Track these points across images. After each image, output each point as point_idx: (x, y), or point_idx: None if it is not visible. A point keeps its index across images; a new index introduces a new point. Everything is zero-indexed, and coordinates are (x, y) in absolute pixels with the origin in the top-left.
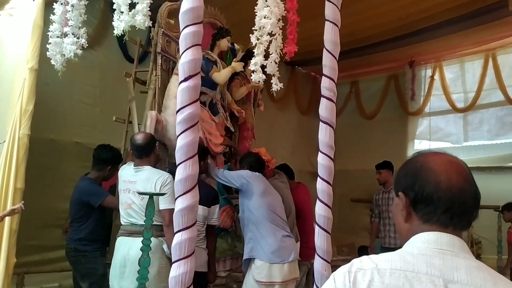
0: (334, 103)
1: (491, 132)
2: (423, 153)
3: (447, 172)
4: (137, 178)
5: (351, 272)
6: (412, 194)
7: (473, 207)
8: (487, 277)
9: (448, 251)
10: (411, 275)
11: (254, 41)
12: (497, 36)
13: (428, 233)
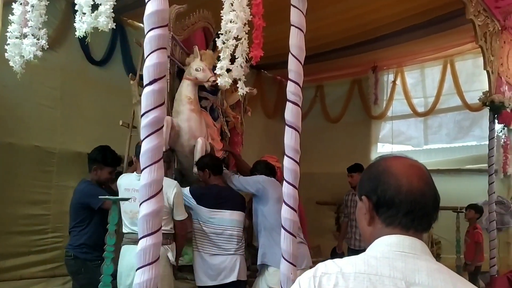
0: (300, 107)
1: (449, 136)
2: (386, 157)
3: (408, 176)
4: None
5: (316, 276)
6: (374, 198)
7: (433, 210)
8: (447, 279)
9: (410, 254)
10: (374, 278)
11: (220, 45)
12: (455, 43)
13: (391, 236)
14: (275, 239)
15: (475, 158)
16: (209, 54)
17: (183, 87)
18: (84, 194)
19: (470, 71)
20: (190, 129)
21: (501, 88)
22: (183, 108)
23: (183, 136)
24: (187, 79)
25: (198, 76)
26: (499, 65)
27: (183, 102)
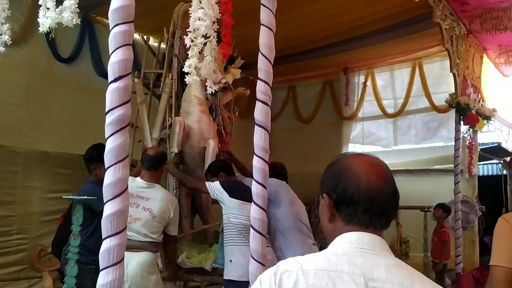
0: (269, 107)
1: (418, 137)
2: (346, 155)
3: (367, 173)
4: (150, 195)
5: (277, 274)
6: (334, 195)
7: (392, 207)
8: (405, 275)
9: (369, 250)
10: (334, 274)
11: (189, 43)
12: (423, 46)
13: (351, 233)
14: (291, 241)
15: (442, 159)
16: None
17: (192, 87)
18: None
19: (438, 73)
20: (200, 131)
21: (467, 90)
22: (194, 109)
23: (193, 137)
24: None
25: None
26: (464, 68)
27: (193, 102)
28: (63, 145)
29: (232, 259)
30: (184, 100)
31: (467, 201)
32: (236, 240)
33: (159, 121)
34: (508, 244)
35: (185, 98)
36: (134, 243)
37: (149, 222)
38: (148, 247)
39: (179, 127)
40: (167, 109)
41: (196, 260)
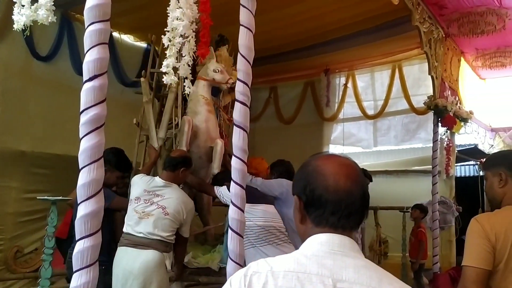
0: (248, 107)
1: (397, 138)
2: (317, 156)
3: (335, 175)
4: (165, 194)
5: (246, 275)
6: (304, 197)
7: (361, 209)
8: (373, 275)
9: (339, 252)
10: (303, 276)
11: (166, 43)
12: (402, 49)
13: (321, 234)
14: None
15: (420, 160)
16: (225, 56)
17: (199, 87)
18: None
19: (417, 76)
20: (207, 130)
21: (445, 92)
22: (201, 108)
23: (200, 137)
24: (202, 79)
25: (216, 78)
26: (442, 70)
27: (201, 102)
28: (40, 145)
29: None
30: (191, 100)
31: (445, 201)
32: (255, 242)
33: (165, 121)
34: (479, 245)
35: (192, 98)
36: (142, 240)
37: (161, 219)
38: (156, 245)
39: (188, 126)
40: (173, 109)
41: (202, 260)
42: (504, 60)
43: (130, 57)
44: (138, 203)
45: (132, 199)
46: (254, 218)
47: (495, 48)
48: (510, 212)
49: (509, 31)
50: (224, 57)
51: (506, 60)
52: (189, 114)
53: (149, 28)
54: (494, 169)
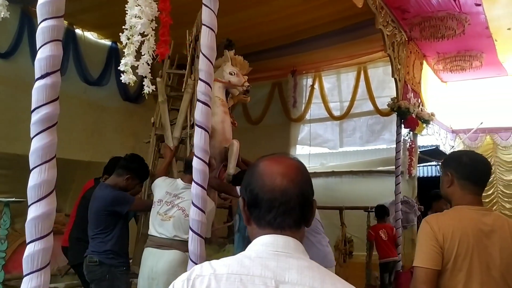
0: (210, 108)
1: (362, 139)
2: (262, 158)
3: (272, 174)
4: (186, 196)
5: (190, 279)
6: (246, 197)
7: (298, 207)
8: (316, 276)
9: (283, 253)
10: (245, 278)
11: (124, 41)
12: (367, 51)
13: (266, 236)
14: (313, 240)
15: (384, 160)
16: (239, 59)
17: (215, 89)
18: (110, 200)
19: (381, 78)
20: (223, 131)
21: (407, 95)
22: (217, 109)
23: (216, 137)
24: (218, 81)
25: (232, 80)
26: (405, 73)
27: (217, 103)
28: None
29: None
30: None
31: (407, 201)
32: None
33: (181, 121)
34: (428, 246)
35: None
36: (164, 241)
37: (181, 221)
38: (178, 246)
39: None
40: (188, 109)
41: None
42: (464, 64)
43: (93, 55)
44: (161, 205)
45: (155, 202)
46: None
47: (456, 52)
48: (457, 212)
49: (468, 36)
50: (238, 61)
51: (465, 64)
52: None
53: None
54: (445, 169)
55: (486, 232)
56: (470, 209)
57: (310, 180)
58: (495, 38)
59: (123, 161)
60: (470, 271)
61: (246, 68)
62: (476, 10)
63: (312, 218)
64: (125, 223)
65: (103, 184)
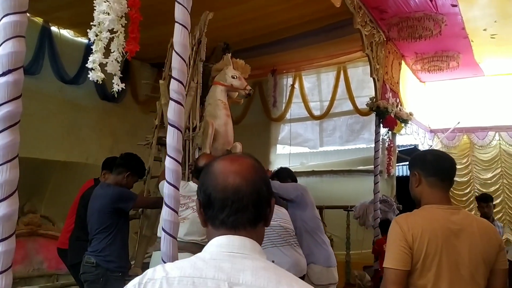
0: (183, 107)
1: (342, 138)
2: (217, 158)
3: (224, 173)
4: None
5: (141, 283)
6: (201, 198)
7: (253, 205)
8: (271, 277)
9: (238, 254)
10: (198, 281)
11: (93, 38)
12: (346, 51)
13: (222, 237)
14: (318, 240)
15: (364, 160)
16: (241, 63)
17: (217, 92)
18: (115, 198)
19: (361, 78)
20: (226, 134)
21: (386, 94)
22: (220, 112)
23: (219, 140)
24: (220, 84)
25: (234, 84)
26: (384, 73)
27: (219, 106)
28: None
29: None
30: (210, 104)
31: (386, 200)
32: (276, 241)
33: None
34: (397, 247)
35: (211, 102)
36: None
37: (196, 223)
38: (191, 248)
39: (212, 129)
40: (191, 112)
41: None
42: (441, 64)
43: (70, 53)
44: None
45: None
46: (279, 219)
47: (433, 53)
48: (426, 212)
49: (445, 36)
50: (239, 64)
51: (443, 64)
52: (208, 117)
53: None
54: (412, 169)
55: (455, 231)
56: (439, 208)
57: (266, 178)
58: (472, 39)
59: (120, 160)
60: (439, 270)
61: (247, 71)
62: (452, 11)
63: (271, 216)
64: (126, 224)
65: (104, 183)
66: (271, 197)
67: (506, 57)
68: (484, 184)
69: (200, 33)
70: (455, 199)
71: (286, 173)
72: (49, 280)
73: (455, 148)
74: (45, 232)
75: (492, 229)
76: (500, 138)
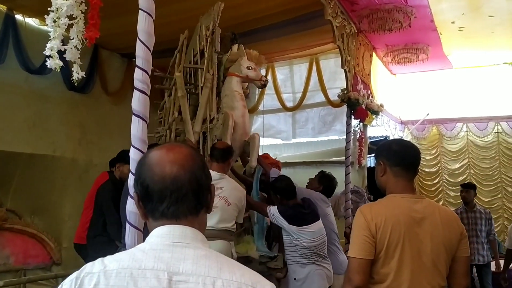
0: (148, 96)
1: (314, 130)
2: (152, 148)
3: (161, 163)
4: (223, 185)
5: (78, 278)
6: (138, 192)
7: (191, 193)
8: (212, 265)
9: (179, 243)
10: (136, 272)
11: (50, 24)
12: (318, 43)
13: (162, 227)
14: (334, 248)
15: (336, 151)
16: (255, 54)
17: (233, 83)
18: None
19: (333, 69)
20: (243, 125)
21: (357, 86)
22: (237, 104)
23: (238, 131)
24: (235, 75)
25: (250, 75)
26: (355, 65)
27: (237, 98)
28: None
29: (296, 277)
30: (227, 95)
31: (357, 191)
32: (298, 259)
33: (201, 115)
34: (360, 237)
35: (227, 93)
36: (210, 232)
37: (225, 210)
38: (223, 235)
39: (232, 120)
40: (207, 104)
41: (240, 249)
42: (411, 57)
43: (35, 42)
44: None
45: None
46: (301, 239)
47: (403, 45)
48: (390, 201)
49: (414, 28)
50: (254, 55)
51: (413, 57)
52: (225, 109)
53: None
54: (377, 158)
55: (418, 219)
56: (403, 197)
57: (204, 165)
58: (440, 32)
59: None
60: (402, 258)
61: (261, 61)
62: (421, 4)
63: (212, 203)
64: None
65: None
66: (210, 184)
67: (474, 50)
68: (452, 174)
69: (213, 24)
70: (425, 189)
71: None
72: (16, 275)
73: (425, 139)
74: (11, 226)
75: (454, 217)
76: (468, 130)
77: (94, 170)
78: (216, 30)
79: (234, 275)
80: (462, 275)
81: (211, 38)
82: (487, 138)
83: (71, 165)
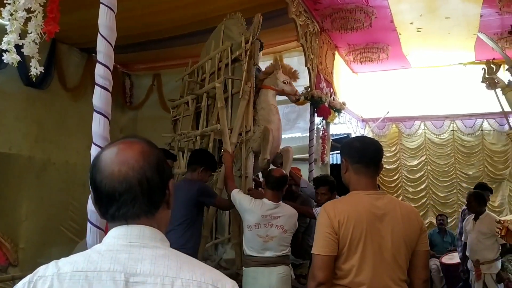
0: (109, 92)
1: None
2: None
3: (109, 165)
4: (279, 213)
5: (31, 281)
6: (92, 193)
7: (141, 194)
8: (172, 264)
9: (137, 243)
10: (92, 275)
11: (7, 17)
12: (282, 40)
13: (119, 227)
14: None
15: (300, 148)
16: (289, 68)
17: (269, 96)
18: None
19: (296, 67)
20: (278, 138)
21: (320, 84)
22: (274, 117)
23: (273, 144)
24: (272, 89)
25: (286, 89)
26: (318, 63)
27: (273, 111)
28: None
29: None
30: (263, 108)
31: None
32: None
33: (237, 127)
34: (323, 234)
35: (264, 106)
36: (271, 259)
37: (282, 238)
38: (283, 260)
39: (272, 135)
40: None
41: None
42: (372, 56)
43: None
44: (259, 228)
45: (251, 225)
46: None
47: (364, 44)
48: (352, 198)
49: (375, 28)
50: (288, 69)
51: (373, 56)
52: (262, 122)
53: None
54: (342, 156)
55: (379, 215)
56: (365, 193)
57: (158, 162)
58: (400, 32)
59: (192, 158)
60: (364, 254)
61: (296, 76)
62: (382, 4)
63: (172, 198)
64: (201, 221)
65: (184, 179)
66: (167, 181)
67: (431, 50)
68: (410, 170)
69: (253, 36)
70: (385, 186)
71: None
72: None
73: (385, 137)
74: None
75: (414, 213)
76: (425, 127)
77: (52, 168)
78: (255, 43)
79: (194, 274)
80: (421, 268)
81: (249, 49)
82: (443, 135)
83: (27, 163)
